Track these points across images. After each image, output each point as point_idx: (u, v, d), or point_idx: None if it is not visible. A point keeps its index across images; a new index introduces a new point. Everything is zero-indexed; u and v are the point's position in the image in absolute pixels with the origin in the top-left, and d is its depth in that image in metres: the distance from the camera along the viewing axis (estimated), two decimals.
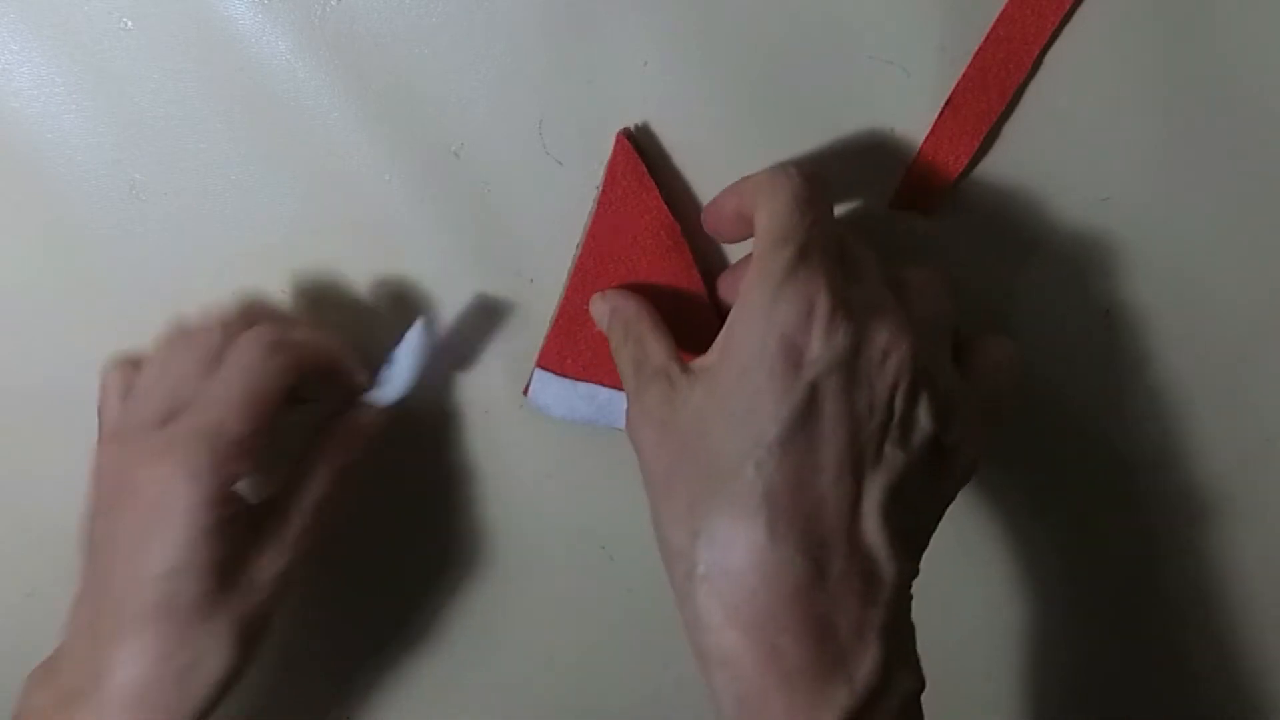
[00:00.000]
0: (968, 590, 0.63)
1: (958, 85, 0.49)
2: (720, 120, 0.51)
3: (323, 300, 0.55)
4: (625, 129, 0.51)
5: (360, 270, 0.55)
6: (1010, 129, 0.51)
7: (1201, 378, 0.57)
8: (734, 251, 0.54)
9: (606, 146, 0.51)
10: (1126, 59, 0.49)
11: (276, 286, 0.55)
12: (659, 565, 0.43)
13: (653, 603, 0.63)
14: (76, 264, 0.55)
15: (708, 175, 0.52)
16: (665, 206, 0.51)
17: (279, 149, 0.52)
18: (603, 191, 0.51)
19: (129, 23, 0.50)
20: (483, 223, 0.53)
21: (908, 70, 0.49)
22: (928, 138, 0.50)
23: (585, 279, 0.53)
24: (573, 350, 0.54)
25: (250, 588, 0.46)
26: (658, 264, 0.52)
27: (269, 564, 0.47)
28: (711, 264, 0.53)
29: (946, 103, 0.49)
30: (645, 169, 0.51)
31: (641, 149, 0.51)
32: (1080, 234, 0.53)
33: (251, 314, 0.50)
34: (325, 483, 0.49)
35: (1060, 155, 0.51)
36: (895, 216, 0.53)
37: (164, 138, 0.52)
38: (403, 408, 0.55)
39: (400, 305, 0.55)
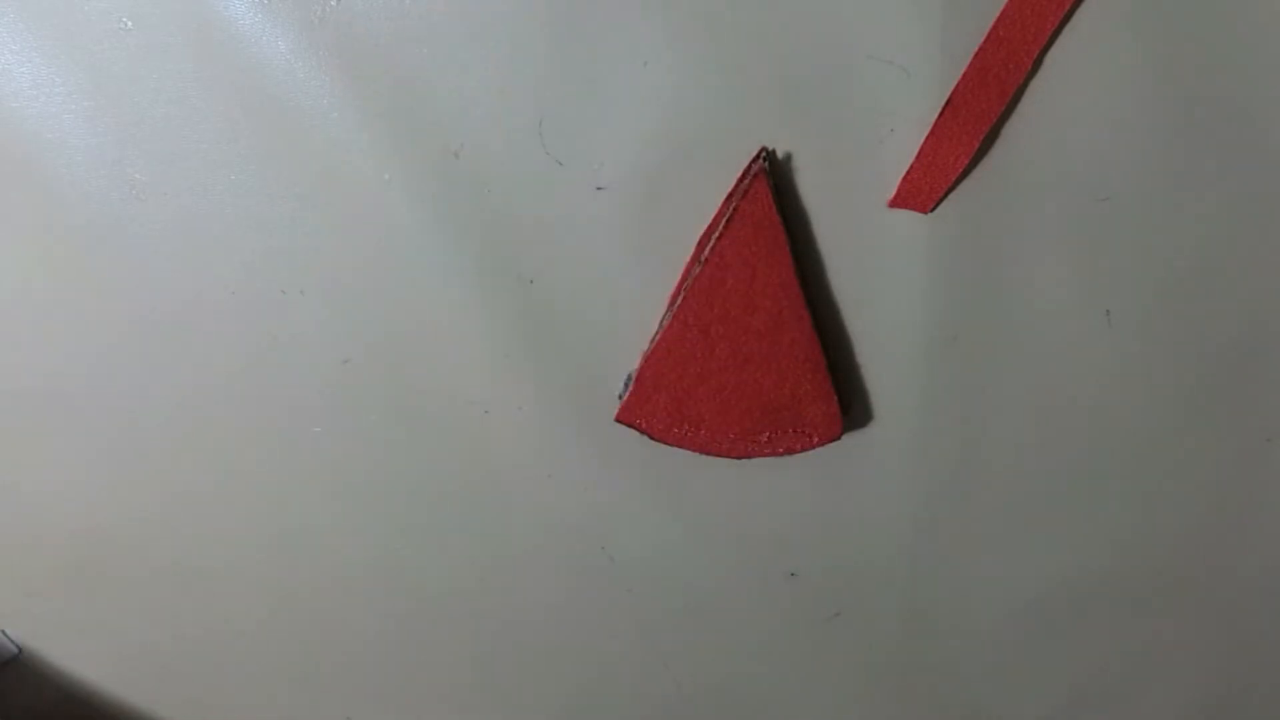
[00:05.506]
0: (970, 584, 0.63)
1: (958, 85, 0.49)
2: (721, 120, 0.51)
3: (323, 301, 0.55)
4: (765, 153, 0.50)
5: (361, 270, 0.55)
6: (1010, 129, 0.51)
7: (1201, 378, 0.57)
8: None
9: (607, 147, 0.51)
10: (1126, 59, 0.49)
11: (277, 287, 0.55)
12: (659, 565, 0.43)
13: (653, 603, 0.63)
14: (76, 264, 0.55)
15: (709, 175, 0.52)
16: (793, 267, 0.51)
17: (279, 149, 0.52)
18: (721, 236, 0.51)
19: (129, 23, 0.50)
20: (483, 223, 0.53)
21: (908, 70, 0.49)
22: (928, 138, 0.50)
23: (683, 329, 0.53)
24: (658, 405, 0.55)
25: None
26: (769, 330, 0.53)
27: None
28: None
29: (946, 103, 0.49)
30: (780, 221, 0.51)
31: (779, 187, 0.51)
32: (1080, 234, 0.53)
33: None
34: None
35: (1060, 155, 0.51)
36: (895, 216, 0.53)
37: (164, 138, 0.52)
38: (403, 406, 0.55)
39: (401, 305, 0.55)
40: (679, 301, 0.53)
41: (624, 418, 0.55)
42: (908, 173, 0.51)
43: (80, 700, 0.70)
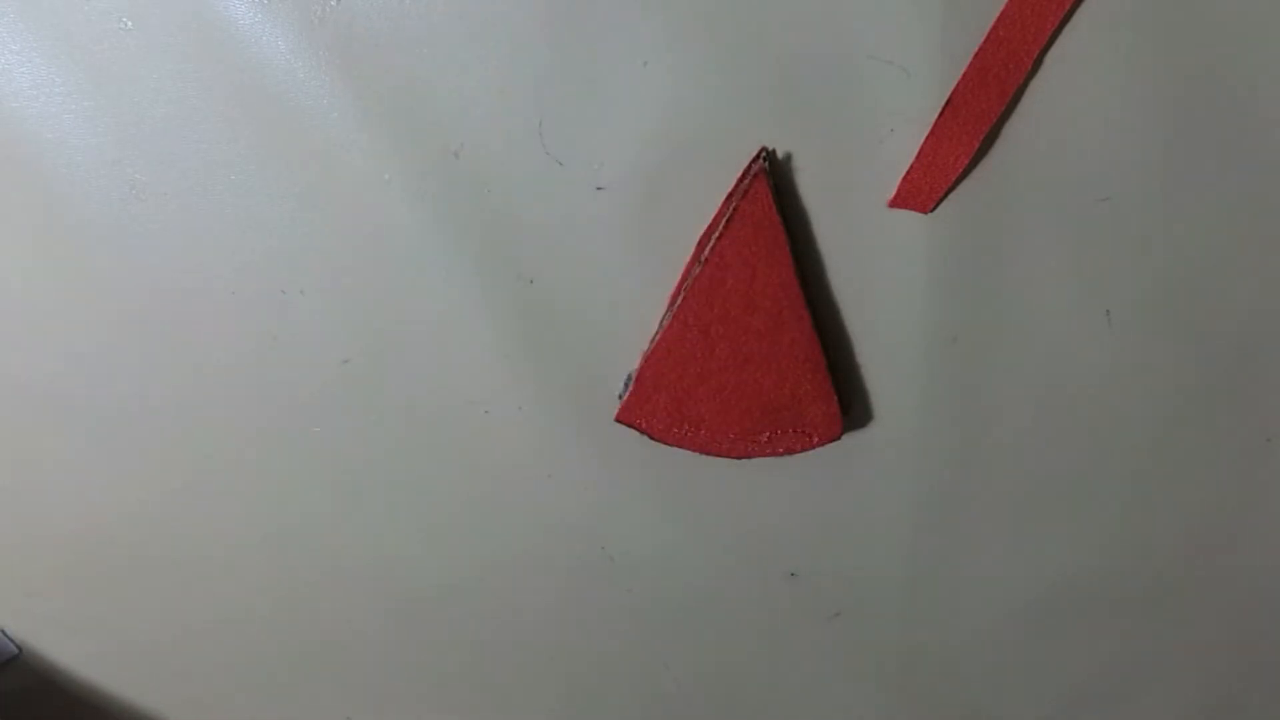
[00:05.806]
0: (970, 584, 0.63)
1: (958, 85, 0.49)
2: (721, 120, 0.51)
3: (323, 301, 0.55)
4: (765, 153, 0.50)
5: (361, 270, 0.55)
6: (1010, 129, 0.51)
7: (1201, 378, 0.57)
8: None
9: (607, 147, 0.51)
10: (1126, 59, 0.49)
11: (277, 287, 0.55)
12: (659, 565, 0.43)
13: (653, 603, 0.63)
14: (76, 264, 0.55)
15: (709, 175, 0.52)
16: (793, 267, 0.51)
17: (279, 149, 0.52)
18: (721, 236, 0.51)
19: (129, 23, 0.50)
20: (483, 223, 0.53)
21: (908, 70, 0.49)
22: (928, 138, 0.50)
23: (683, 329, 0.53)
24: (658, 405, 0.55)
25: None
26: (769, 330, 0.53)
27: None
28: None
29: (946, 103, 0.49)
30: (780, 221, 0.51)
31: (780, 187, 0.51)
32: (1080, 234, 0.53)
33: None
34: None
35: (1060, 155, 0.51)
36: (895, 216, 0.53)
37: (164, 138, 0.52)
38: (402, 406, 0.55)
39: (401, 305, 0.55)
40: (679, 301, 0.53)
41: (624, 418, 0.55)
42: (908, 173, 0.51)
43: (80, 700, 0.70)
